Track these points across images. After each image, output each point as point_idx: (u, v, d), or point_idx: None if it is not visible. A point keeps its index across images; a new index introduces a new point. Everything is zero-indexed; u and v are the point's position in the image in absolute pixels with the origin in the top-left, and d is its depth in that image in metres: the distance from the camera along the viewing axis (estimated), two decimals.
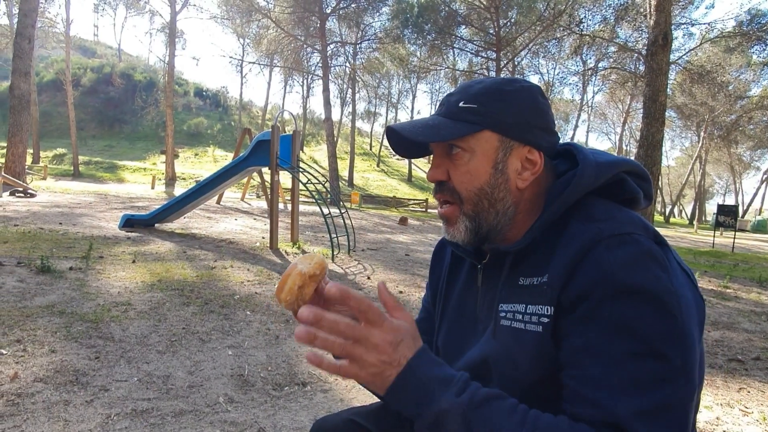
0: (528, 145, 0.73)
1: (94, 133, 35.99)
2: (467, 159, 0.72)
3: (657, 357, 0.57)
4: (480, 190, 0.72)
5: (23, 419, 1.91)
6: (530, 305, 0.68)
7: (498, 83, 0.74)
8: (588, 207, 0.70)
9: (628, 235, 0.63)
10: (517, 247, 0.72)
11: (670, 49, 8.04)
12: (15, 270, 4.10)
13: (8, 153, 13.09)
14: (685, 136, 45.05)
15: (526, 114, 0.73)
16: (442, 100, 0.78)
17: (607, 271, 0.61)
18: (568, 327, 0.63)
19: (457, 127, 0.72)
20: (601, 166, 0.72)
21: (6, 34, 20.44)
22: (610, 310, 0.60)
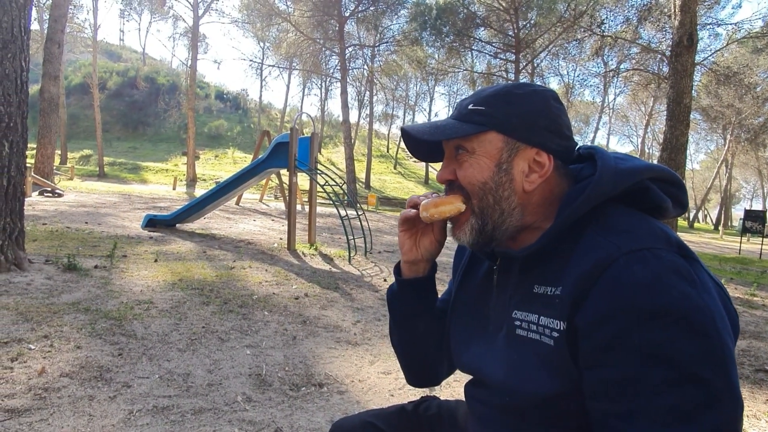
0: (536, 147, 0.72)
1: (118, 135, 36.94)
2: (470, 157, 0.74)
3: (697, 382, 0.54)
4: (484, 185, 0.73)
5: (50, 413, 1.97)
6: (543, 317, 0.67)
7: (508, 87, 0.75)
8: (606, 216, 0.67)
9: (648, 251, 0.59)
10: (525, 253, 0.71)
11: (696, 50, 7.84)
12: (43, 267, 4.24)
13: (38, 154, 13.53)
14: (710, 139, 43.85)
15: (534, 116, 0.72)
16: (457, 104, 0.80)
17: (628, 293, 0.57)
18: (593, 356, 0.59)
19: (463, 127, 0.73)
20: (621, 173, 0.68)
21: (37, 39, 21.19)
22: (638, 338, 0.56)
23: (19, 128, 4.01)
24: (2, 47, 3.84)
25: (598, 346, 0.59)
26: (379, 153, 44.66)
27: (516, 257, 0.73)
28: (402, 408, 0.96)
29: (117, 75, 41.36)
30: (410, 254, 0.87)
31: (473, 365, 0.79)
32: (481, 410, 0.78)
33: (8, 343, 2.59)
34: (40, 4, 23.23)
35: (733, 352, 0.57)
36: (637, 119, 43.69)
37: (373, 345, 3.30)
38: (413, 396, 2.44)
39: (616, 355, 0.57)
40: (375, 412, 0.94)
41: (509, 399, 0.69)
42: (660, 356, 0.55)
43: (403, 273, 0.90)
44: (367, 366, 2.89)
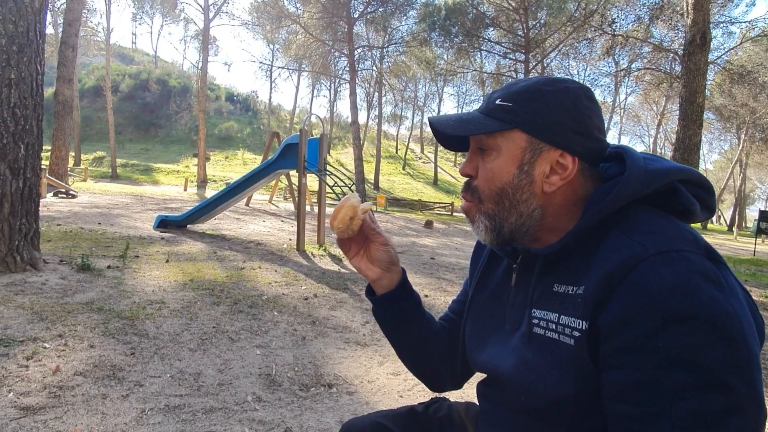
0: (559, 149, 0.69)
1: (131, 136, 37.44)
2: (493, 157, 0.71)
3: (721, 388, 0.53)
4: (501, 190, 0.71)
5: (64, 411, 2.00)
6: (563, 315, 0.65)
7: (539, 83, 0.72)
8: (632, 217, 0.65)
9: (675, 252, 0.58)
10: (547, 252, 0.70)
11: (709, 49, 7.74)
12: (57, 267, 4.30)
13: (52, 156, 13.76)
14: (724, 138, 43.26)
15: (561, 116, 0.69)
16: (486, 96, 0.77)
17: (654, 295, 0.55)
18: (615, 357, 0.58)
19: (487, 123, 0.71)
20: (651, 173, 0.67)
21: (51, 43, 21.57)
22: (663, 340, 0.54)
23: (34, 131, 4.08)
24: (18, 51, 3.91)
25: (621, 347, 0.57)
26: (388, 154, 44.69)
27: (538, 256, 0.72)
28: (412, 409, 0.96)
29: (129, 78, 41.94)
30: (370, 273, 0.88)
31: (489, 365, 0.78)
32: (494, 410, 0.77)
33: (24, 341, 2.64)
34: (54, 9, 23.66)
35: (759, 358, 0.56)
36: (649, 119, 43.23)
37: (382, 346, 3.30)
38: (423, 397, 2.43)
39: (638, 358, 0.56)
40: (385, 413, 0.94)
41: (524, 399, 0.69)
42: (685, 360, 0.53)
43: (376, 292, 0.90)
44: (376, 367, 2.90)
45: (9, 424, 1.86)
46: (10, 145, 3.89)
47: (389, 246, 0.87)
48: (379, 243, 0.86)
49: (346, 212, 0.80)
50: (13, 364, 2.36)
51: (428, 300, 4.79)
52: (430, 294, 5.04)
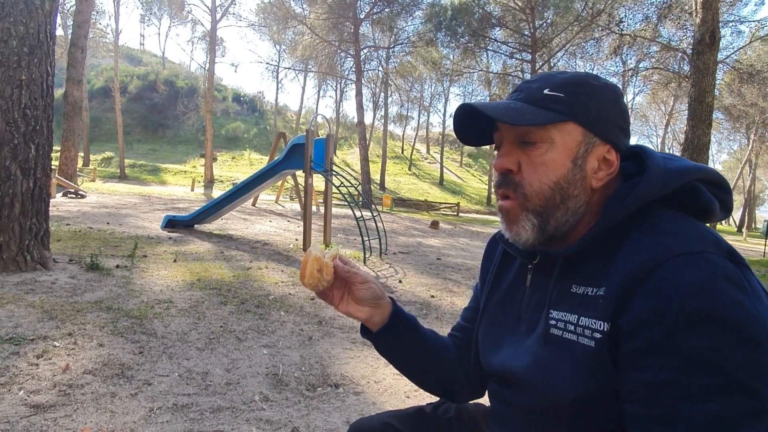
0: (608, 144, 0.69)
1: (139, 137, 37.74)
2: (544, 150, 0.68)
3: (744, 391, 0.52)
4: (555, 185, 0.68)
5: (74, 409, 2.02)
6: (583, 317, 0.64)
7: (585, 76, 0.71)
8: (653, 217, 0.64)
9: (699, 254, 0.57)
10: (568, 252, 0.68)
11: (718, 48, 7.66)
12: (67, 267, 4.35)
13: (62, 156, 13.90)
14: (733, 138, 42.74)
15: (610, 111, 0.69)
16: (518, 86, 0.74)
17: (676, 296, 0.55)
18: (636, 358, 0.58)
19: (542, 114, 0.67)
20: (671, 172, 0.66)
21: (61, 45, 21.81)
22: (686, 342, 0.53)
23: (44, 131, 4.13)
24: (29, 52, 3.96)
25: (642, 348, 0.57)
26: (394, 154, 44.68)
27: (558, 256, 0.70)
28: (420, 409, 0.95)
29: (137, 79, 42.28)
30: (360, 315, 0.85)
31: (504, 367, 0.77)
32: (505, 410, 0.77)
33: (34, 340, 2.67)
34: (64, 11, 23.91)
35: None
36: (657, 119, 42.85)
37: None
38: (430, 398, 2.43)
39: (660, 359, 0.55)
40: (393, 413, 0.94)
41: (540, 400, 0.68)
42: (707, 363, 0.53)
43: (371, 330, 0.87)
44: (383, 367, 2.89)
45: (20, 422, 1.88)
46: (21, 146, 3.94)
47: (370, 282, 0.83)
48: (359, 283, 0.82)
49: (312, 266, 0.77)
50: (23, 363, 2.38)
51: (434, 300, 4.78)
52: (436, 294, 5.04)
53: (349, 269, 0.81)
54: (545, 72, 0.74)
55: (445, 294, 5.11)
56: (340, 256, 0.82)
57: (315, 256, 0.77)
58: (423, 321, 4.01)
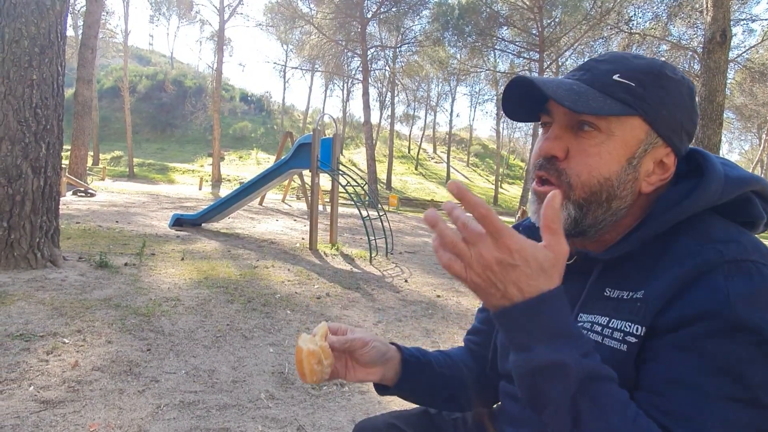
0: (670, 148, 0.63)
1: (147, 136, 38.05)
2: (600, 140, 0.61)
3: (758, 407, 0.51)
4: (606, 180, 0.62)
5: (82, 405, 2.05)
6: (615, 319, 0.61)
7: (661, 65, 0.63)
8: (704, 224, 0.60)
9: (753, 264, 0.54)
10: (609, 256, 0.64)
11: (729, 47, 7.56)
12: (76, 264, 4.40)
13: (72, 155, 14.05)
14: (744, 138, 42.30)
15: (681, 111, 0.63)
16: (585, 64, 0.66)
17: (723, 301, 0.52)
18: (661, 350, 0.56)
19: (608, 104, 0.60)
20: (730, 181, 0.62)
21: (72, 45, 22.06)
22: (719, 347, 0.52)
23: (55, 130, 4.18)
24: (40, 52, 4.00)
25: (674, 344, 0.55)
26: (401, 154, 44.65)
27: (598, 260, 0.66)
28: (425, 410, 0.95)
29: (146, 78, 42.62)
30: (372, 377, 0.78)
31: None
32: (521, 411, 0.76)
33: (44, 336, 2.70)
34: (75, 11, 24.16)
35: None
36: None
37: None
38: None
39: (687, 356, 0.53)
40: (398, 414, 0.94)
41: None
42: (732, 371, 0.51)
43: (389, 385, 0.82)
44: None
45: (29, 417, 1.90)
46: (32, 145, 3.99)
47: (371, 343, 0.75)
48: (360, 348, 0.75)
49: (309, 362, 0.68)
50: (33, 359, 2.42)
51: (440, 300, 4.77)
52: (442, 294, 5.03)
53: (346, 339, 0.74)
54: (618, 53, 0.65)
55: (451, 294, 5.10)
56: (329, 326, 0.76)
57: (308, 350, 0.68)
58: (429, 321, 4.01)
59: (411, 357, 0.82)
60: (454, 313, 4.33)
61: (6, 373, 2.23)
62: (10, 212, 3.89)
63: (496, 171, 36.67)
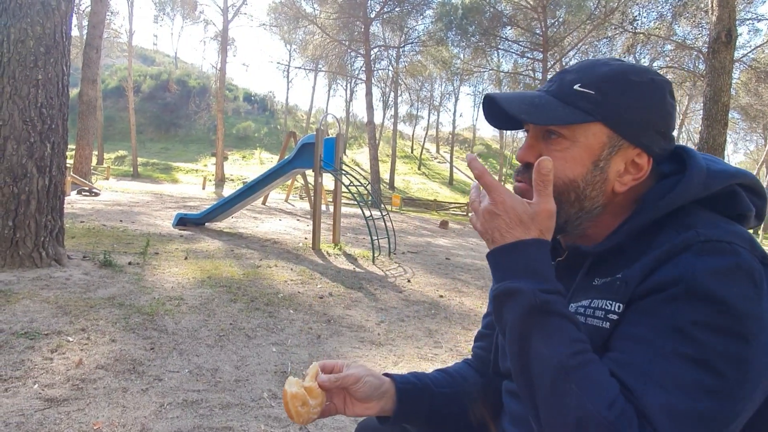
0: (639, 148, 0.65)
1: (151, 136, 38.18)
2: (566, 147, 0.66)
3: (710, 370, 0.52)
4: (571, 182, 0.66)
5: (86, 403, 2.06)
6: (596, 299, 0.64)
7: (626, 71, 0.66)
8: (690, 216, 0.62)
9: (728, 244, 0.56)
10: (599, 249, 0.67)
11: (734, 47, 7.52)
12: (81, 263, 4.42)
13: (76, 155, 14.13)
14: (749, 139, 42.03)
15: (648, 113, 0.65)
16: (554, 76, 0.71)
17: (691, 273, 0.55)
18: (628, 315, 0.59)
19: (566, 113, 0.64)
20: (713, 174, 0.64)
21: (77, 45, 22.17)
22: (679, 312, 0.54)
23: (60, 130, 4.20)
24: (45, 52, 4.03)
25: (639, 309, 0.58)
26: (404, 154, 44.65)
27: (588, 254, 0.69)
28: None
29: (150, 78, 42.77)
30: (370, 411, 0.78)
31: None
32: (519, 408, 0.76)
33: (48, 335, 2.72)
34: (79, 11, 24.27)
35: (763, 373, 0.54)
36: None
37: (397, 346, 3.30)
38: None
39: (650, 319, 0.56)
40: None
41: None
42: (690, 336, 0.53)
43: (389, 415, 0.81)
44: (391, 367, 2.90)
45: (34, 415, 1.91)
46: (37, 144, 4.01)
47: (363, 378, 0.75)
48: (353, 384, 0.75)
49: (293, 405, 0.70)
50: (38, 357, 2.43)
51: (443, 300, 4.77)
52: (445, 294, 5.02)
53: (337, 377, 0.74)
54: (587, 61, 0.69)
55: (453, 294, 5.09)
56: (323, 364, 0.77)
57: (292, 393, 0.70)
58: (431, 321, 4.01)
59: (406, 384, 0.83)
60: (456, 314, 4.33)
61: (11, 371, 2.25)
62: (16, 211, 3.92)
63: (499, 171, 36.59)
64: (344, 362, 0.79)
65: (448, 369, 0.93)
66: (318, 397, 0.72)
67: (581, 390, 0.53)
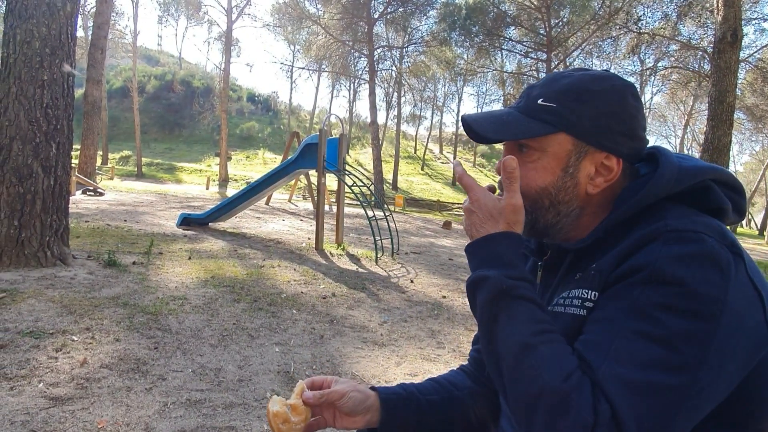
0: (605, 151, 0.69)
1: (156, 136, 38.32)
2: (536, 158, 0.70)
3: (666, 346, 0.54)
4: (542, 190, 0.70)
5: (91, 402, 2.07)
6: (574, 289, 0.67)
7: (585, 81, 0.70)
8: (664, 211, 0.65)
9: (693, 233, 0.58)
10: (579, 246, 0.70)
11: (740, 47, 7.48)
12: (86, 263, 4.44)
13: (81, 155, 14.20)
14: (755, 139, 41.71)
15: (609, 118, 0.68)
16: (524, 91, 0.75)
17: (655, 260, 0.57)
18: (599, 301, 0.63)
19: (530, 127, 0.69)
20: (684, 170, 0.67)
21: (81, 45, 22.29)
22: (642, 294, 0.57)
23: (65, 130, 4.23)
24: (51, 53, 4.05)
25: (608, 294, 0.61)
26: (407, 154, 44.63)
27: (569, 251, 0.73)
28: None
29: (155, 79, 42.93)
30: (358, 424, 0.80)
31: None
32: None
33: (54, 334, 2.73)
34: (84, 12, 24.40)
35: (726, 355, 0.55)
36: (676, 119, 42.06)
37: (400, 346, 3.30)
38: None
39: (614, 301, 0.60)
40: None
41: None
42: (651, 316, 0.55)
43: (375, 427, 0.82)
44: (394, 367, 2.90)
45: (39, 414, 1.93)
46: (42, 144, 4.03)
47: (348, 393, 0.77)
48: (338, 400, 0.77)
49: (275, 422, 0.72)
50: (43, 356, 2.45)
51: (446, 301, 4.77)
52: (448, 295, 5.02)
53: (322, 393, 0.76)
54: (552, 75, 0.74)
55: (456, 295, 5.09)
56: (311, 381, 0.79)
57: (273, 411, 0.73)
58: (434, 322, 4.00)
59: (390, 396, 0.84)
60: (460, 314, 4.33)
61: (16, 369, 2.26)
62: (21, 211, 3.95)
63: None
64: (334, 378, 0.80)
65: (437, 377, 0.94)
66: (302, 413, 0.75)
67: (540, 363, 0.57)
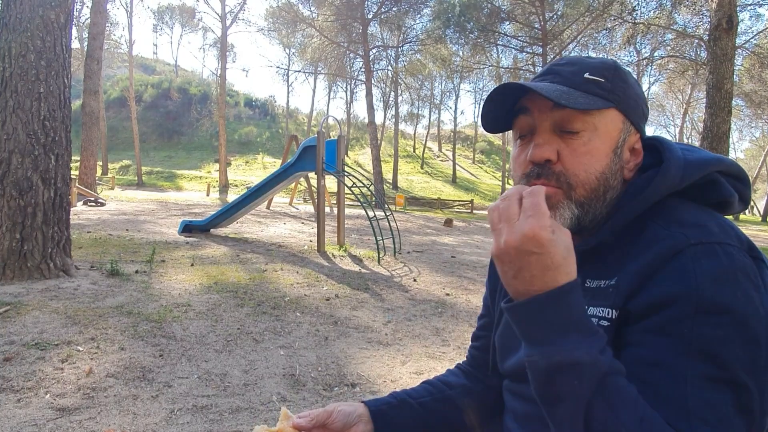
0: (639, 132, 0.68)
1: (155, 144, 38.42)
2: (587, 139, 0.64)
3: (737, 386, 0.52)
4: (601, 175, 0.64)
5: (97, 411, 2.07)
6: (591, 307, 0.63)
7: (613, 62, 0.68)
8: (671, 209, 0.62)
9: (719, 245, 0.56)
10: (584, 248, 0.66)
11: (736, 33, 7.47)
12: (89, 273, 4.45)
13: (81, 166, 14.24)
14: (755, 125, 41.64)
15: (640, 99, 0.68)
16: (549, 69, 0.69)
17: (693, 284, 0.54)
18: (637, 335, 0.57)
19: (589, 99, 0.63)
20: (690, 164, 0.64)
21: (77, 57, 22.37)
22: (694, 329, 0.53)
23: (63, 142, 4.24)
24: (46, 66, 4.06)
25: (649, 328, 0.56)
26: (406, 153, 44.62)
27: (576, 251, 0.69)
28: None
29: (152, 87, 43.04)
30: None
31: (519, 364, 0.74)
32: (522, 407, 0.75)
33: (59, 345, 2.74)
34: (79, 24, 24.46)
35: None
36: (674, 108, 42.01)
37: (404, 345, 3.30)
38: None
39: (663, 339, 0.55)
40: None
41: None
42: (710, 353, 0.52)
43: None
44: (399, 366, 2.90)
45: (47, 425, 1.93)
46: (41, 157, 4.05)
47: (334, 411, 0.77)
48: (326, 419, 0.77)
49: None
50: (49, 367, 2.45)
51: (449, 299, 4.77)
52: (451, 293, 5.01)
53: (310, 415, 0.76)
54: (570, 56, 0.70)
55: (460, 292, 5.08)
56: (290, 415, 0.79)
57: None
58: (438, 319, 4.00)
59: (379, 404, 0.83)
60: (463, 312, 4.32)
61: (23, 381, 2.27)
62: (23, 224, 3.96)
63: (502, 167, 36.49)
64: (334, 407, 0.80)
65: (431, 379, 0.94)
66: None
67: None
